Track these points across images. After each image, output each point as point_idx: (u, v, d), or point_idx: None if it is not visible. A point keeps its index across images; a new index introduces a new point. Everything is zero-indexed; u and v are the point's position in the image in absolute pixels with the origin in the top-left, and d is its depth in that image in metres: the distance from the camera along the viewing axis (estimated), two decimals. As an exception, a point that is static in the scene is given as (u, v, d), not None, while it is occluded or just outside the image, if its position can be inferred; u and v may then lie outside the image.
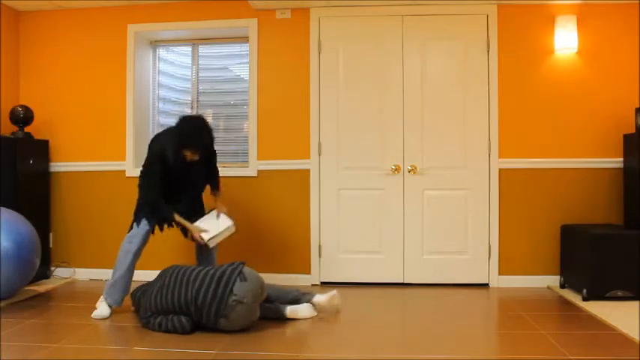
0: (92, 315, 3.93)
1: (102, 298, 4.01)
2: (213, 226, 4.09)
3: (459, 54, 4.94)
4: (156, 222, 4.08)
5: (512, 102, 4.88)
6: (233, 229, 4.15)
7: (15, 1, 5.17)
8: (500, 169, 4.87)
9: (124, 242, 4.01)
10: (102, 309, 3.96)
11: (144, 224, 4.00)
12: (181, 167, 3.98)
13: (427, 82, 4.96)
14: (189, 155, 3.92)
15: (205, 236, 4.01)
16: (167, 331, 3.54)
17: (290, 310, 3.86)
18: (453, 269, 4.95)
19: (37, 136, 5.30)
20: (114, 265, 4.00)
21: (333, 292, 4.06)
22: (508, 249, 4.88)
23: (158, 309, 3.59)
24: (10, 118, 5.07)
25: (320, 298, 3.98)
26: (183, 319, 3.52)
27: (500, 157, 4.87)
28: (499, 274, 4.89)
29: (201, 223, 4.09)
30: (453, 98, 4.94)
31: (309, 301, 3.96)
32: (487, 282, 4.91)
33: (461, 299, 4.46)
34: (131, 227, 4.04)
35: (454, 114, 4.94)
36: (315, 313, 3.95)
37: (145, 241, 4.02)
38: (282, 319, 3.85)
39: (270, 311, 3.82)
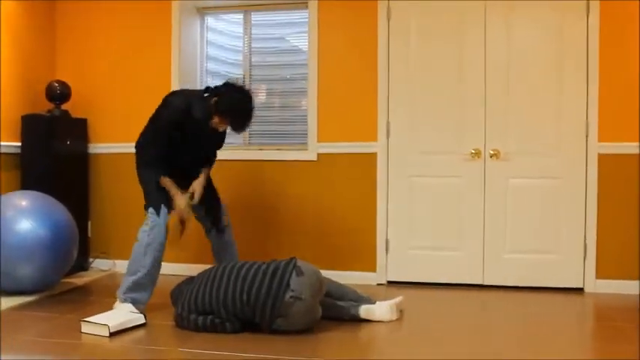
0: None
1: (122, 298, 3.93)
2: (118, 317, 3.72)
3: (552, 21, 4.80)
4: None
5: (615, 76, 4.70)
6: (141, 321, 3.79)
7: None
8: (599, 155, 4.73)
9: (145, 234, 3.98)
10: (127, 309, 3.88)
11: (164, 212, 4.01)
12: (198, 133, 3.99)
13: (514, 53, 4.85)
14: (219, 123, 3.92)
15: (111, 323, 3.56)
16: (206, 328, 3.54)
17: (364, 311, 3.82)
18: (541, 270, 4.85)
19: (74, 114, 5.40)
20: (134, 260, 3.97)
21: (398, 299, 4.00)
22: (607, 248, 4.74)
23: (198, 308, 3.58)
24: (46, 95, 5.22)
25: (379, 307, 3.90)
26: (228, 324, 3.54)
27: (599, 140, 4.72)
28: (596, 277, 4.76)
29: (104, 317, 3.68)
30: (545, 72, 4.82)
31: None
32: (581, 286, 4.80)
33: (550, 305, 4.37)
34: (147, 212, 4.04)
35: (545, 90, 4.82)
36: (395, 317, 3.88)
37: (167, 230, 4.04)
38: (355, 320, 3.81)
39: (342, 311, 3.81)
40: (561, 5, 4.78)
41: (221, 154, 5.23)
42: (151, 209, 4.01)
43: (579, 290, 4.79)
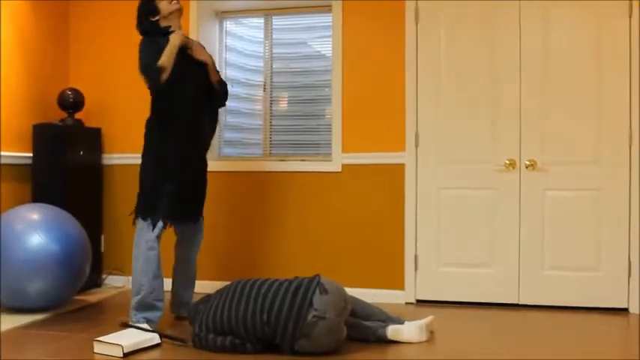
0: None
1: (134, 320, 3.95)
2: (133, 336, 3.70)
3: (591, 22, 4.76)
4: (168, 219, 4.10)
5: (661, 80, 4.63)
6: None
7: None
8: (643, 165, 4.66)
9: (142, 248, 3.99)
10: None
11: (160, 225, 4.02)
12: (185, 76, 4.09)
13: (551, 57, 4.81)
14: (166, 7, 4.11)
15: (125, 342, 3.55)
16: (225, 348, 3.53)
17: (392, 331, 3.78)
18: (581, 289, 4.77)
19: (87, 124, 5.42)
20: (134, 279, 4.02)
21: (428, 319, 3.94)
22: (654, 266, 4.66)
23: (217, 328, 3.57)
24: (59, 103, 5.25)
25: (408, 327, 3.85)
26: (248, 345, 3.53)
27: (643, 150, 4.66)
28: (642, 297, 4.69)
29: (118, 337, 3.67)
30: (584, 76, 4.77)
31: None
32: (626, 306, 4.71)
33: (591, 327, 4.32)
34: (137, 219, 4.06)
35: (585, 96, 4.76)
36: (425, 338, 3.84)
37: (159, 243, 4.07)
38: (382, 341, 3.77)
39: (369, 331, 3.77)
40: (601, 5, 4.73)
41: (241, 166, 5.36)
42: (140, 220, 4.04)
43: (623, 311, 4.71)
